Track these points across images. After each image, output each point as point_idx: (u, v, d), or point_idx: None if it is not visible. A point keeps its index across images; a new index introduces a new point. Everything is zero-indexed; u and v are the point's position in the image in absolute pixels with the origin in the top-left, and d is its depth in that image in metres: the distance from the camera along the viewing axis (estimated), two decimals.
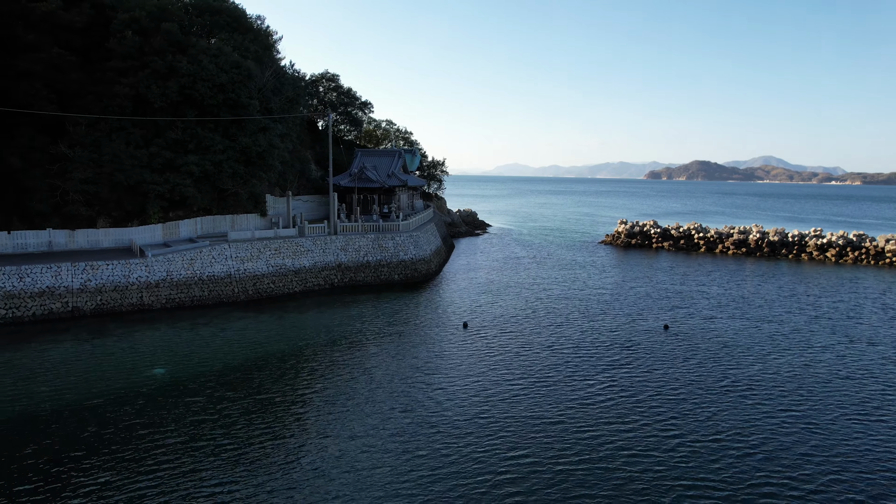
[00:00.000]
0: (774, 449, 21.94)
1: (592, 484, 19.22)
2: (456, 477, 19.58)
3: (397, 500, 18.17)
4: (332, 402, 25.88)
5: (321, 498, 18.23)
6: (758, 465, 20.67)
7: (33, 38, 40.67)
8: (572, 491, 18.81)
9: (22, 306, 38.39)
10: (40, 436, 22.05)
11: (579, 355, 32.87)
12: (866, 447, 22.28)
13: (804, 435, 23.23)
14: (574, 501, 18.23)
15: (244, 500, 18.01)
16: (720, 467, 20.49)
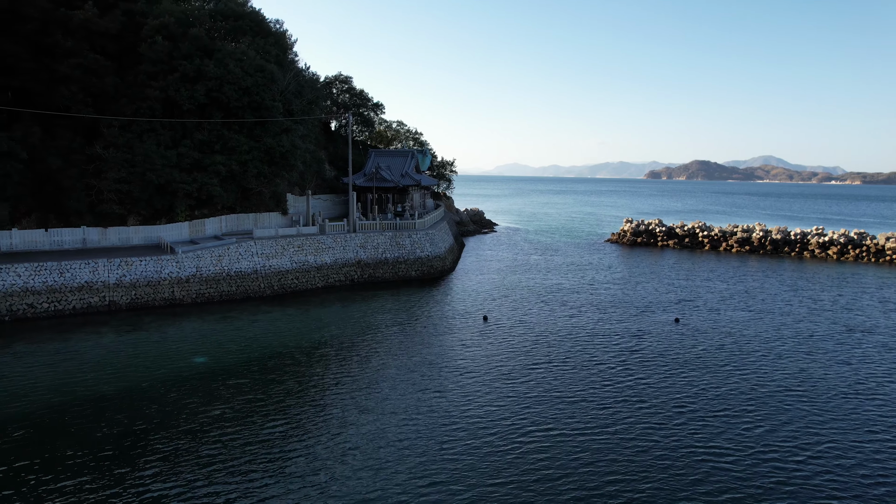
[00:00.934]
0: (777, 422, 23.86)
1: (612, 453, 21.13)
2: (490, 447, 21.48)
3: (439, 463, 20.07)
4: (371, 384, 27.79)
5: (370, 465, 20.13)
6: (762, 435, 22.58)
7: (72, 44, 42.60)
8: (595, 462, 20.72)
9: (63, 300, 40.33)
10: (109, 414, 23.97)
11: (595, 344, 34.80)
12: (859, 420, 24.20)
13: (803, 410, 25.16)
14: (597, 468, 20.14)
15: (300, 465, 19.92)
16: (729, 437, 22.41)
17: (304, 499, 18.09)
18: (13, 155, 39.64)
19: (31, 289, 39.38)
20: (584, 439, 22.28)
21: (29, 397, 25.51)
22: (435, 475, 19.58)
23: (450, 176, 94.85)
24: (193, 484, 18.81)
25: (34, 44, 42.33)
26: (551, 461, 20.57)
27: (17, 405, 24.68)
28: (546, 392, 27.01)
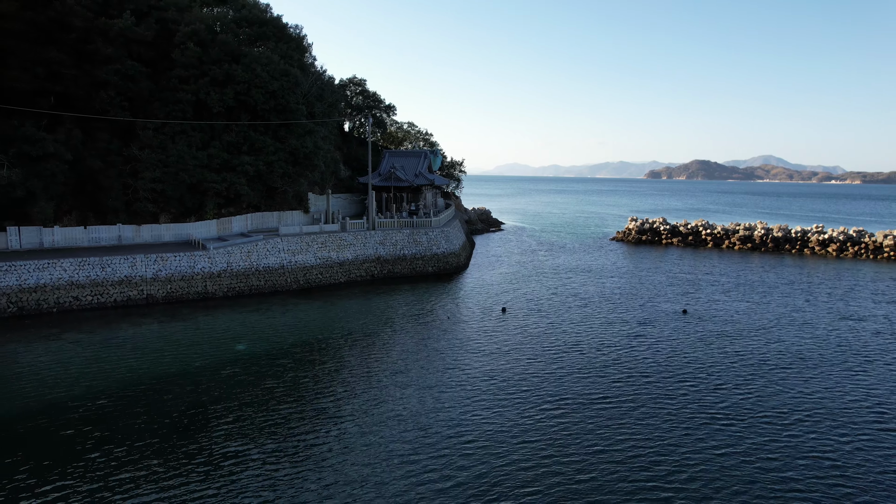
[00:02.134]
0: (777, 399, 26.23)
1: (629, 423, 23.51)
2: (513, 420, 23.86)
3: (470, 426, 22.44)
4: (403, 364, 30.16)
5: (415, 426, 22.49)
6: (758, 400, 24.96)
7: (111, 51, 44.93)
8: (612, 434, 23.10)
9: (105, 293, 42.69)
10: (174, 390, 26.36)
11: (607, 332, 37.18)
12: (848, 393, 26.58)
13: (800, 388, 27.55)
14: (610, 431, 22.52)
15: (353, 429, 22.31)
16: (729, 403, 24.80)
17: (359, 455, 20.45)
18: (59, 156, 41.99)
19: (75, 282, 41.75)
20: (598, 408, 24.66)
21: (96, 379, 27.87)
22: (468, 434, 21.95)
23: (459, 176, 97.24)
24: (263, 444, 21.18)
25: (76, 51, 44.66)
26: (567, 424, 22.95)
27: (85, 384, 27.06)
28: (564, 373, 29.38)
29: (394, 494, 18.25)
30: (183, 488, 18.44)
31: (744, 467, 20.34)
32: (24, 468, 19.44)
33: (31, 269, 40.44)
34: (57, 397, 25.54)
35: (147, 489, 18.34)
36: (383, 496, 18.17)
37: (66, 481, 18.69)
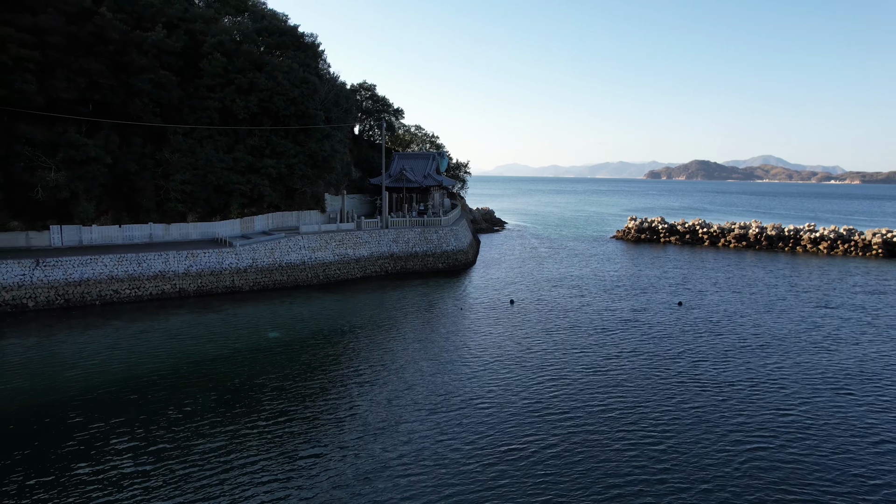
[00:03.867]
0: (752, 371, 29.54)
1: (621, 390, 26.80)
2: (521, 398, 27.14)
3: (481, 408, 25.71)
4: (423, 347, 33.45)
5: (430, 404, 25.76)
6: (740, 380, 28.25)
7: (145, 62, 48.22)
8: (605, 397, 26.38)
9: (141, 288, 45.97)
10: (219, 370, 29.64)
11: (609, 322, 40.49)
12: (812, 366, 29.89)
13: (772, 362, 30.85)
14: (607, 401, 25.80)
15: (380, 402, 25.59)
16: (715, 380, 28.08)
17: (389, 414, 23.73)
18: (99, 160, 45.26)
19: (115, 277, 45.04)
20: (596, 379, 27.96)
21: (150, 362, 31.15)
22: (484, 407, 25.23)
23: (464, 177, 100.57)
24: (305, 409, 24.46)
25: (114, 62, 47.90)
26: (568, 392, 26.23)
27: (137, 364, 30.33)
28: (570, 357, 32.69)
29: (420, 439, 21.50)
30: (234, 447, 21.72)
31: (717, 420, 23.60)
32: (96, 430, 22.74)
33: (76, 265, 43.73)
34: (115, 375, 28.80)
35: (202, 448, 21.62)
36: (411, 441, 21.43)
37: (135, 442, 21.97)
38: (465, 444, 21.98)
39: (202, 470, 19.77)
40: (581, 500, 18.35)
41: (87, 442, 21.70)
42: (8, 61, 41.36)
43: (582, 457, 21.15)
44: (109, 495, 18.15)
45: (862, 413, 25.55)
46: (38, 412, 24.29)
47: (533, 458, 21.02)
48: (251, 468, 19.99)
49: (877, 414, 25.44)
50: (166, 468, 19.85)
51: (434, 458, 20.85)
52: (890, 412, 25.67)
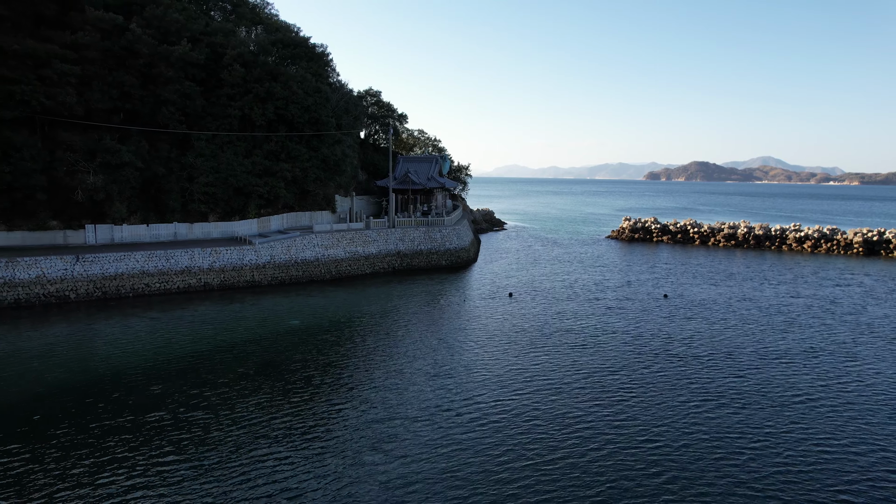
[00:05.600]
0: (722, 347, 33.59)
1: (607, 368, 30.83)
2: (513, 370, 31.16)
3: (477, 377, 29.72)
4: (429, 333, 37.46)
5: (437, 384, 29.76)
6: (712, 355, 32.27)
7: (172, 73, 52.29)
8: (591, 372, 30.40)
9: (169, 282, 49.96)
10: (250, 353, 33.66)
11: (599, 311, 44.54)
12: (771, 343, 33.93)
13: (738, 342, 34.90)
14: (593, 376, 29.82)
15: (394, 380, 29.60)
16: (689, 356, 32.11)
17: (400, 389, 27.74)
18: (132, 164, 49.29)
19: (146, 272, 49.04)
20: (585, 360, 32.00)
21: (187, 344, 35.17)
22: (480, 376, 29.25)
23: (465, 179, 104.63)
24: (326, 378, 28.47)
25: (143, 74, 51.97)
26: (562, 372, 30.26)
27: (182, 349, 34.34)
28: (565, 342, 36.73)
29: (424, 400, 25.51)
30: (264, 412, 25.75)
31: (678, 383, 27.63)
32: (145, 401, 26.78)
33: (111, 261, 47.75)
34: (157, 356, 32.82)
35: (236, 418, 25.65)
36: (419, 400, 25.44)
37: (178, 413, 25.99)
38: (462, 402, 25.99)
39: (241, 429, 23.80)
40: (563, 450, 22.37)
41: (139, 410, 25.73)
42: (52, 75, 45.40)
43: (558, 404, 25.18)
44: (153, 454, 22.18)
45: (799, 378, 29.60)
46: (85, 388, 28.31)
47: (519, 410, 25.03)
48: (282, 430, 24.01)
49: (810, 378, 29.49)
50: (204, 433, 23.89)
51: (435, 410, 24.86)
52: (821, 377, 29.72)
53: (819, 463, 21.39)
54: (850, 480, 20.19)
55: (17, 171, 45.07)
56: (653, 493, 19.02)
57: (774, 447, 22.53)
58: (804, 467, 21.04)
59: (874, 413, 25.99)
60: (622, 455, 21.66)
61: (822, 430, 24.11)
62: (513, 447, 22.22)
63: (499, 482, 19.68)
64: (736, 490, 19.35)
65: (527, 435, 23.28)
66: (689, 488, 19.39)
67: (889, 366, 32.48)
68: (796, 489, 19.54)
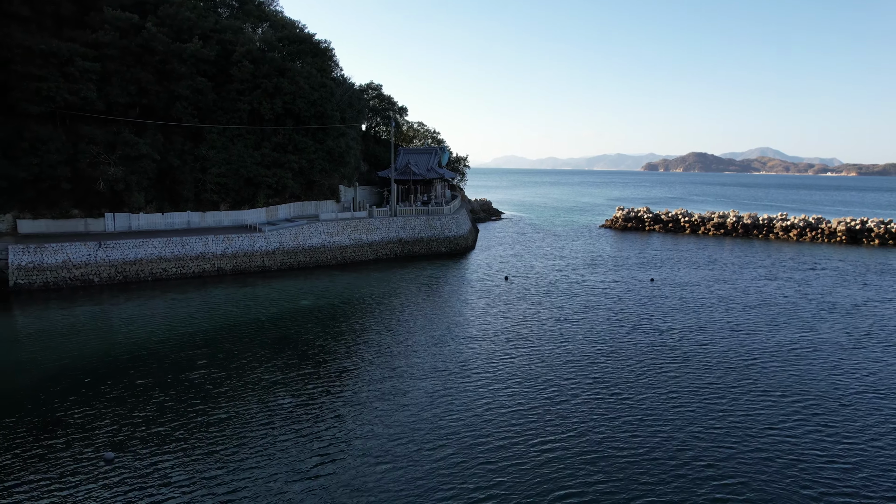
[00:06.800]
0: (697, 320, 36.91)
1: (591, 342, 34.15)
2: (509, 350, 34.47)
3: (472, 347, 33.02)
4: (430, 310, 40.75)
5: (422, 350, 33.05)
6: (689, 329, 35.59)
7: (185, 69, 55.18)
8: (576, 344, 33.72)
9: (185, 267, 53.14)
10: (267, 329, 36.93)
11: (589, 292, 47.87)
12: (760, 323, 37.28)
13: (716, 318, 38.25)
14: (586, 359, 33.11)
15: (396, 353, 32.90)
16: (668, 331, 35.42)
17: (396, 366, 31.03)
18: (150, 156, 52.32)
19: (163, 257, 52.20)
20: (571, 335, 35.34)
21: (210, 321, 38.41)
22: (476, 346, 32.56)
23: (463, 170, 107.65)
24: (338, 348, 31.77)
25: (158, 71, 54.88)
26: (544, 340, 33.61)
27: (204, 325, 37.58)
28: (555, 321, 40.08)
29: (420, 367, 28.82)
30: (283, 375, 29.05)
31: (655, 351, 30.98)
32: (169, 372, 30.06)
33: (131, 247, 50.89)
34: (181, 332, 36.09)
35: (258, 377, 28.94)
36: (416, 369, 28.75)
37: (211, 373, 29.28)
38: (457, 364, 29.31)
39: (263, 385, 27.12)
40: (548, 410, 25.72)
41: (162, 382, 29.02)
42: (75, 72, 48.31)
43: (540, 366, 28.52)
44: (180, 417, 25.48)
45: (759, 346, 32.99)
46: (111, 362, 31.58)
47: (505, 371, 28.37)
48: (300, 386, 27.33)
49: (769, 346, 32.88)
50: (231, 389, 27.20)
51: (432, 371, 28.20)
52: (779, 344, 33.11)
53: (766, 405, 24.79)
54: (785, 416, 23.58)
55: (43, 163, 48.08)
56: (614, 427, 22.38)
57: (733, 399, 25.91)
58: (755, 412, 24.45)
59: (819, 370, 29.40)
60: (592, 403, 25.03)
61: (772, 385, 27.50)
62: (497, 398, 25.60)
63: (486, 422, 23.06)
64: (680, 424, 22.73)
65: (510, 388, 26.66)
66: (647, 426, 22.75)
67: (839, 335, 35.94)
68: (744, 430, 22.93)
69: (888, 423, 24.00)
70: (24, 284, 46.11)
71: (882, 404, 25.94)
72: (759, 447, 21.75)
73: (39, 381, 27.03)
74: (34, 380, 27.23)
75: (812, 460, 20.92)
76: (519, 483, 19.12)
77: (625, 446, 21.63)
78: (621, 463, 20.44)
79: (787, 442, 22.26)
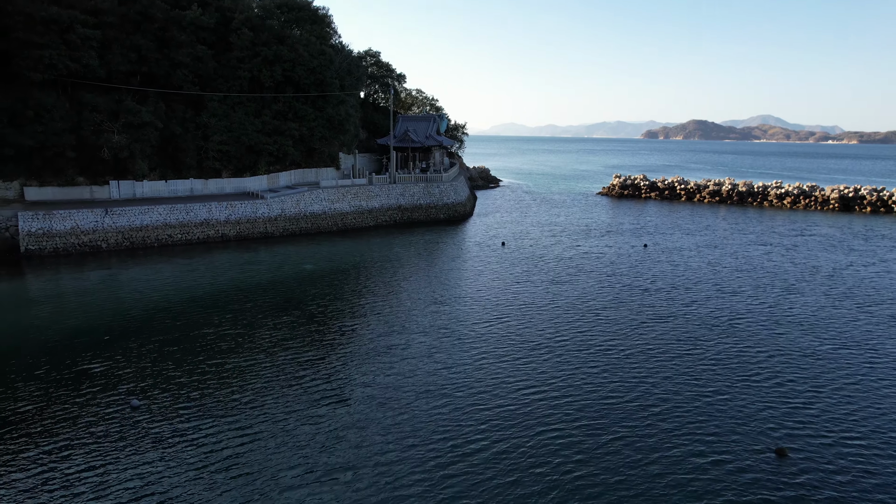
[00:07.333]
0: (685, 280, 38.59)
1: (584, 302, 35.84)
2: (502, 308, 36.15)
3: (469, 304, 34.69)
4: (430, 273, 42.36)
5: (432, 322, 34.72)
6: (675, 289, 37.26)
7: (184, 37, 55.50)
8: (568, 304, 35.41)
9: (190, 233, 54.48)
10: (274, 290, 38.54)
11: (584, 258, 49.45)
12: (745, 286, 38.97)
13: (703, 278, 39.91)
14: (570, 307, 34.82)
15: (395, 313, 34.59)
16: (656, 288, 37.10)
17: (396, 321, 32.72)
18: (152, 125, 53.14)
19: (168, 224, 53.49)
20: (565, 294, 37.04)
21: (217, 284, 39.99)
22: (475, 310, 34.25)
23: (461, 137, 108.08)
24: (343, 308, 33.45)
25: (158, 38, 55.20)
26: (534, 301, 35.30)
27: (207, 287, 39.18)
28: (548, 279, 41.73)
29: (419, 325, 30.55)
30: (291, 332, 30.76)
31: (643, 309, 32.72)
32: (183, 331, 31.73)
33: (137, 213, 52.14)
34: (190, 294, 37.69)
35: (267, 335, 30.64)
36: (415, 326, 30.45)
37: (220, 330, 30.97)
38: (454, 321, 31.06)
39: (272, 341, 28.86)
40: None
41: (177, 338, 30.71)
42: (76, 39, 48.76)
43: (530, 321, 30.28)
44: (203, 359, 27.22)
45: (744, 306, 34.74)
46: (125, 322, 33.24)
47: (497, 326, 30.11)
48: (308, 340, 29.07)
49: (752, 306, 34.65)
50: (239, 346, 28.93)
51: (430, 328, 29.95)
52: (762, 305, 34.87)
53: (742, 358, 26.63)
54: (759, 369, 25.41)
55: (48, 131, 48.95)
56: (594, 373, 24.20)
57: (712, 354, 27.74)
58: (731, 364, 26.29)
59: (796, 327, 31.20)
60: (576, 354, 26.85)
61: (750, 340, 29.33)
62: (489, 351, 27.37)
63: (478, 370, 24.87)
64: (661, 372, 24.56)
65: (501, 343, 28.43)
66: (627, 375, 24.58)
67: (819, 296, 37.70)
68: (726, 372, 24.78)
69: (854, 375, 25.85)
70: (35, 250, 47.52)
71: (852, 357, 27.78)
72: (731, 396, 23.59)
73: (60, 339, 28.71)
74: (55, 338, 28.91)
75: (778, 407, 22.77)
76: (507, 422, 20.95)
77: (601, 390, 23.45)
78: (597, 401, 22.27)
79: (754, 389, 24.12)
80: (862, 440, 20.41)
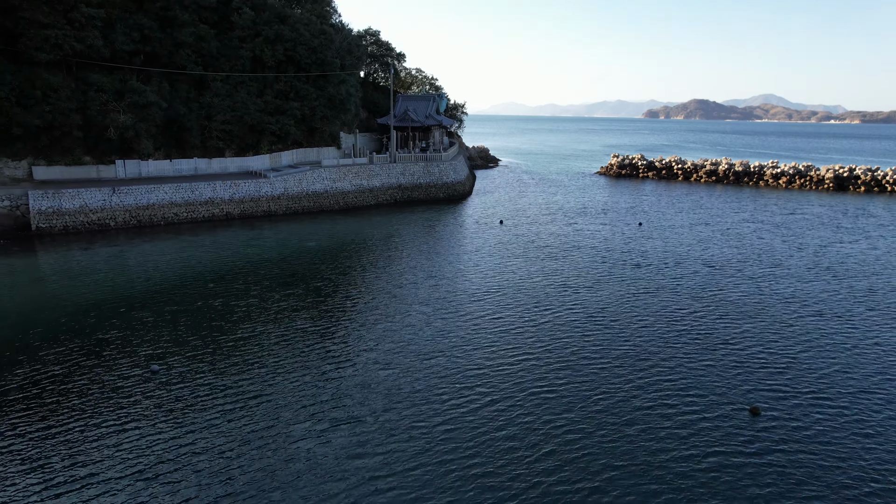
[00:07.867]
0: (677, 255, 40.07)
1: (579, 277, 37.31)
2: (497, 281, 37.62)
3: (467, 278, 36.18)
4: (429, 251, 43.79)
5: (431, 293, 36.19)
6: (667, 264, 38.73)
7: (187, 16, 56.13)
8: (564, 279, 36.89)
9: (195, 211, 55.76)
10: (278, 266, 39.99)
11: (580, 236, 50.84)
12: (732, 260, 40.43)
13: (693, 253, 41.37)
14: (565, 282, 36.30)
15: (395, 284, 36.07)
16: (649, 262, 38.57)
17: (394, 292, 34.22)
18: (157, 104, 54.07)
19: (174, 202, 54.74)
20: (560, 270, 38.51)
21: (223, 260, 41.42)
22: (471, 284, 35.74)
23: (461, 117, 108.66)
24: (347, 286, 34.94)
25: (160, 18, 55.81)
26: (529, 275, 36.78)
27: (214, 262, 40.62)
28: (543, 255, 43.17)
29: (420, 298, 32.05)
30: (296, 305, 32.27)
31: (633, 282, 34.22)
32: (190, 305, 33.22)
33: (143, 192, 53.36)
34: (199, 269, 39.14)
35: (274, 307, 32.16)
36: (413, 297, 31.96)
37: (229, 303, 32.47)
38: (452, 295, 32.59)
39: (279, 314, 30.38)
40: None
41: (189, 309, 32.22)
42: (80, 18, 49.49)
43: (524, 294, 31.81)
44: (211, 332, 28.76)
45: (729, 281, 36.27)
46: (138, 295, 34.72)
47: (492, 298, 31.64)
48: (313, 312, 30.61)
49: (737, 280, 36.16)
50: (247, 320, 30.46)
51: (428, 299, 31.50)
52: (747, 279, 36.40)
53: (724, 325, 28.22)
54: (738, 334, 26.99)
55: (55, 111, 49.93)
56: (583, 338, 25.79)
57: (695, 320, 29.32)
58: (714, 331, 27.89)
59: (777, 298, 32.75)
60: (568, 323, 28.42)
61: (733, 310, 30.90)
62: (484, 319, 28.94)
63: (475, 333, 26.44)
64: (646, 342, 26.14)
65: (496, 312, 30.00)
66: (616, 339, 26.17)
67: (802, 270, 39.27)
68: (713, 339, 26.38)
69: (829, 343, 27.44)
70: (46, 228, 48.83)
71: (828, 327, 29.36)
72: (713, 360, 25.19)
73: (77, 311, 30.22)
74: (71, 310, 30.41)
75: (755, 370, 24.38)
76: (500, 381, 22.57)
77: (588, 350, 25.06)
78: (584, 361, 23.88)
79: (733, 354, 25.74)
80: (830, 400, 22.04)
